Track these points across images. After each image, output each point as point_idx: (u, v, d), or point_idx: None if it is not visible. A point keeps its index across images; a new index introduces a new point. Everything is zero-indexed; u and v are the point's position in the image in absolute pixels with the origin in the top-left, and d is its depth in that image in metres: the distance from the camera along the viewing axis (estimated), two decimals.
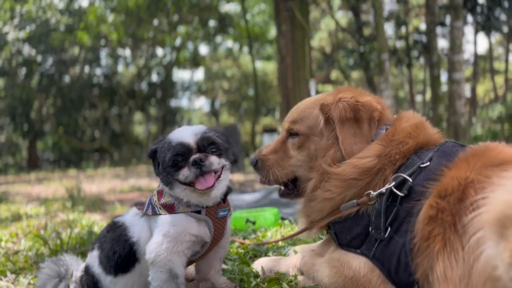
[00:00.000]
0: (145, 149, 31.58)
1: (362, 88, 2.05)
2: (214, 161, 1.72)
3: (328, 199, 1.79)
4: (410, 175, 1.65)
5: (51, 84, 29.12)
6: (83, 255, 2.69)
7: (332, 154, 1.83)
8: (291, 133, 2.00)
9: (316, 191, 1.84)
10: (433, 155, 1.68)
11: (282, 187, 2.06)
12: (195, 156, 1.69)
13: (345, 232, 1.76)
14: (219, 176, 1.77)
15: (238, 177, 9.93)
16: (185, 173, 1.70)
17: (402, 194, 1.63)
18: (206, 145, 1.74)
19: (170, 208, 1.82)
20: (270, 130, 27.23)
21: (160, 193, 1.89)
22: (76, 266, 2.16)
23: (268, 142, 2.28)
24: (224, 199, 1.87)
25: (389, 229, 1.63)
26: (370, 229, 1.68)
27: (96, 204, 5.75)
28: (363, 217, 1.72)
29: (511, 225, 1.12)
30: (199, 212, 1.81)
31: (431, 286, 1.50)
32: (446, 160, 1.63)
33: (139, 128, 41.05)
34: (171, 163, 1.73)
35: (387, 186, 1.67)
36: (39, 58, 28.13)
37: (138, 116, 38.46)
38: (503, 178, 1.33)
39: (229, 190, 1.89)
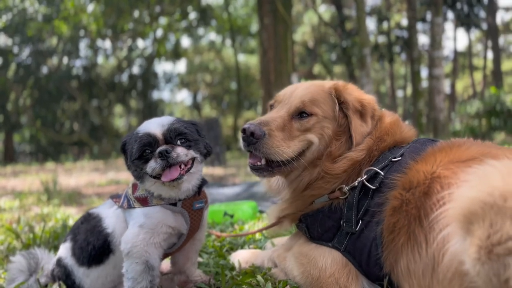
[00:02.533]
0: None
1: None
2: (181, 152, 1.67)
3: (315, 195, 1.79)
4: (381, 169, 1.67)
5: (28, 75, 28.43)
6: (56, 249, 2.63)
7: (335, 148, 1.80)
8: (302, 113, 1.82)
9: (309, 188, 1.81)
10: (405, 151, 1.71)
11: (263, 163, 1.82)
12: (161, 148, 1.65)
13: (317, 225, 1.76)
14: (189, 169, 1.73)
15: (219, 171, 9.89)
16: (152, 165, 1.66)
17: (373, 187, 1.64)
18: (173, 136, 1.70)
19: (143, 201, 1.79)
20: None
21: (134, 186, 1.86)
22: (47, 260, 2.12)
23: None
24: (199, 191, 1.85)
25: (360, 222, 1.64)
26: (341, 222, 1.69)
27: (73, 197, 5.65)
28: (336, 210, 1.72)
29: (477, 221, 1.13)
30: (175, 204, 1.78)
31: (396, 279, 1.52)
32: (415, 155, 1.65)
33: (120, 121, 40.52)
34: (138, 155, 1.70)
35: (359, 179, 1.68)
36: (15, 49, 27.42)
37: (118, 108, 37.95)
38: (468, 174, 1.34)
39: (203, 182, 1.87)
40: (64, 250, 1.95)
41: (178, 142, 1.71)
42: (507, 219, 1.08)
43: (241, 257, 2.17)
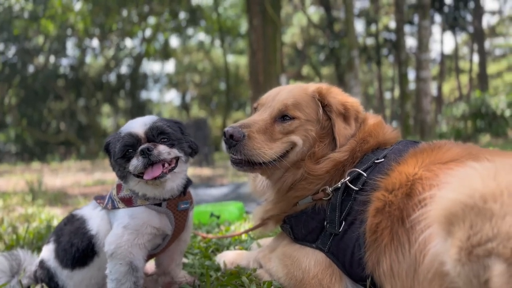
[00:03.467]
0: None
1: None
2: (163, 150, 1.66)
3: (298, 196, 1.79)
4: (364, 170, 1.68)
5: (14, 74, 28.02)
6: (40, 250, 2.59)
7: (319, 150, 1.81)
8: (284, 116, 1.83)
9: (293, 189, 1.82)
10: (388, 153, 1.72)
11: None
12: (142, 146, 1.65)
13: (301, 226, 1.77)
14: (172, 168, 1.72)
15: (207, 171, 9.87)
16: (134, 163, 1.65)
17: (356, 188, 1.65)
18: (155, 135, 1.69)
19: (127, 202, 1.78)
20: None
21: (119, 187, 1.85)
22: (30, 261, 2.09)
23: None
24: (184, 191, 1.84)
25: (343, 223, 1.65)
26: (325, 223, 1.70)
27: (58, 197, 5.58)
28: (319, 211, 1.73)
29: (457, 222, 1.15)
30: (160, 204, 1.77)
31: (378, 279, 1.53)
32: (398, 157, 1.66)
33: (107, 121, 40.16)
34: (121, 154, 1.69)
35: (342, 180, 1.69)
36: (1, 47, 27.01)
37: (106, 108, 37.62)
38: (449, 175, 1.36)
39: (188, 183, 1.86)
40: (47, 252, 1.93)
41: (161, 141, 1.71)
42: (487, 220, 1.09)
43: (226, 258, 2.16)
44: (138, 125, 1.72)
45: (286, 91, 1.91)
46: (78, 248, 1.81)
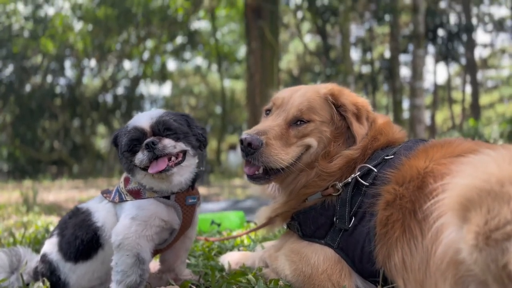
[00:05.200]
0: (107, 162, 30.68)
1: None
2: (168, 144, 1.66)
3: (308, 193, 1.79)
4: (375, 166, 1.69)
5: (10, 92, 27.98)
6: (37, 253, 2.53)
7: (333, 149, 1.82)
8: (298, 120, 1.85)
9: (305, 187, 1.82)
10: (398, 150, 1.74)
11: (261, 172, 1.84)
12: (147, 140, 1.65)
13: (309, 222, 1.76)
14: (179, 162, 1.72)
15: (202, 190, 9.80)
16: (139, 156, 1.66)
17: (366, 183, 1.65)
18: (161, 129, 1.70)
19: (136, 194, 1.77)
20: (236, 147, 27.17)
21: (126, 180, 1.84)
22: (30, 258, 2.06)
23: (233, 160, 2.14)
24: (192, 185, 1.83)
25: (353, 218, 1.64)
26: (334, 219, 1.69)
27: (52, 209, 5.50)
28: (328, 207, 1.73)
29: (473, 208, 1.13)
30: (168, 197, 1.76)
31: (389, 273, 1.51)
32: (408, 152, 1.68)
33: (101, 142, 39.97)
34: (127, 147, 1.70)
35: (352, 176, 1.70)
36: None
37: (101, 129, 37.52)
38: (461, 164, 1.36)
39: (197, 176, 1.85)
40: (50, 245, 1.90)
41: (167, 135, 1.71)
42: (505, 204, 1.08)
43: (231, 259, 2.14)
44: (144, 119, 1.73)
45: (299, 94, 1.93)
46: (83, 240, 1.79)
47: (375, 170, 1.67)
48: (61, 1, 24.18)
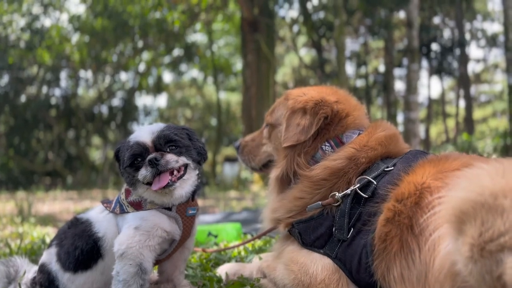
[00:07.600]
0: (101, 174, 30.52)
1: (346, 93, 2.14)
2: (171, 159, 1.68)
3: (298, 198, 1.82)
4: (374, 178, 1.71)
5: (5, 103, 27.88)
6: (34, 263, 2.53)
7: (304, 155, 1.89)
8: (266, 123, 2.18)
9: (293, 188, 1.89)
10: (397, 161, 1.76)
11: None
12: (150, 156, 1.67)
13: (309, 232, 1.78)
14: (181, 176, 1.74)
15: (198, 202, 9.76)
16: (143, 173, 1.68)
17: (366, 196, 1.68)
18: (163, 143, 1.72)
19: (137, 206, 1.79)
20: (232, 159, 27.15)
21: (127, 192, 1.86)
22: (27, 269, 2.05)
23: (229, 172, 2.55)
24: (192, 197, 1.86)
25: (352, 230, 1.67)
26: (333, 229, 1.71)
27: (48, 220, 5.47)
28: (327, 217, 1.75)
29: (468, 220, 1.15)
30: (169, 209, 1.78)
31: (388, 286, 1.53)
32: (407, 166, 1.70)
33: (96, 153, 39.77)
34: (129, 163, 1.71)
35: (352, 187, 1.71)
36: None
37: (96, 140, 37.38)
38: (457, 178, 1.39)
39: (197, 188, 1.88)
40: (48, 255, 1.90)
41: (168, 149, 1.73)
42: (498, 216, 1.10)
43: (228, 269, 2.15)
44: (146, 134, 1.74)
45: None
46: (83, 250, 1.79)
47: (375, 182, 1.69)
48: (58, 13, 24.30)
